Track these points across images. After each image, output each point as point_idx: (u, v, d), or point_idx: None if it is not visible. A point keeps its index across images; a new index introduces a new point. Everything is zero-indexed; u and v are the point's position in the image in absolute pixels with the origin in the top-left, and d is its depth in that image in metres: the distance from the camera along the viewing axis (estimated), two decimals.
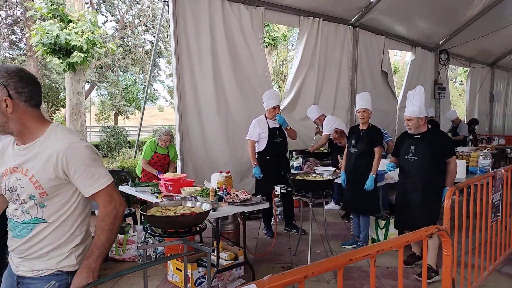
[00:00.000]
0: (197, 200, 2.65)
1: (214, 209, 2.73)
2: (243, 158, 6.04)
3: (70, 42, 6.28)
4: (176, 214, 2.09)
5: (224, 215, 2.82)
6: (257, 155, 4.69)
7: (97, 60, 11.25)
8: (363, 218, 3.92)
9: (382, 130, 5.65)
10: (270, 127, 4.62)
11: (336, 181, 4.04)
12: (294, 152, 5.96)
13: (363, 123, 3.99)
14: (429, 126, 3.81)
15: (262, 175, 4.53)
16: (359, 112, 3.95)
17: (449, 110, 9.43)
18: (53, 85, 15.33)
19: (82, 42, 6.25)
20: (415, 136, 3.43)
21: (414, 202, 3.37)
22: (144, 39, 13.76)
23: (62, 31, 6.19)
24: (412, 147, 3.41)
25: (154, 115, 38.63)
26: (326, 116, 5.89)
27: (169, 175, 3.65)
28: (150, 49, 13.09)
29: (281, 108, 6.68)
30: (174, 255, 2.73)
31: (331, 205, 5.84)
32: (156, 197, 3.16)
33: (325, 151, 5.99)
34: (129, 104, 15.30)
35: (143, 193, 3.41)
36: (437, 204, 3.32)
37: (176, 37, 5.16)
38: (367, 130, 3.94)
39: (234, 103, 5.93)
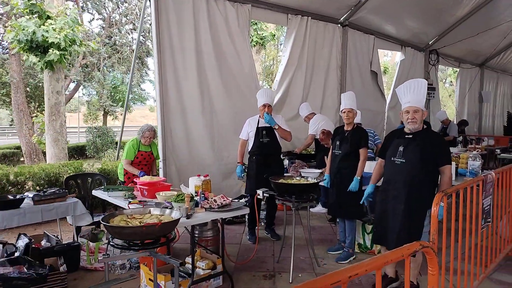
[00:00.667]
0: (168, 207, 2.47)
1: (188, 216, 2.55)
2: (229, 159, 5.88)
3: (47, 39, 6.00)
4: (141, 223, 1.91)
5: (199, 222, 2.64)
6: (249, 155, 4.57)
7: (83, 58, 11.00)
8: (348, 223, 3.76)
9: (372, 131, 5.55)
10: (259, 126, 4.45)
11: (320, 183, 3.88)
12: (281, 154, 5.80)
13: (348, 123, 3.83)
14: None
15: (244, 175, 4.39)
16: (344, 112, 3.80)
17: (439, 111, 9.37)
18: (40, 84, 14.97)
19: (59, 39, 5.99)
20: (406, 136, 2.95)
21: (395, 213, 2.90)
22: (132, 38, 13.51)
23: (39, 27, 5.93)
24: (401, 148, 2.92)
25: (145, 115, 38.25)
26: (315, 114, 5.75)
27: (145, 178, 3.46)
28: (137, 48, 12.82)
29: None
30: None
31: (318, 208, 5.69)
32: (129, 202, 2.97)
33: (313, 152, 5.85)
34: (115, 104, 15.02)
35: (116, 198, 3.21)
36: (421, 219, 2.83)
37: (158, 34, 4.98)
38: (352, 131, 3.79)
39: (220, 103, 5.76)
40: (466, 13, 8.89)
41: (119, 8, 12.76)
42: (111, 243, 1.95)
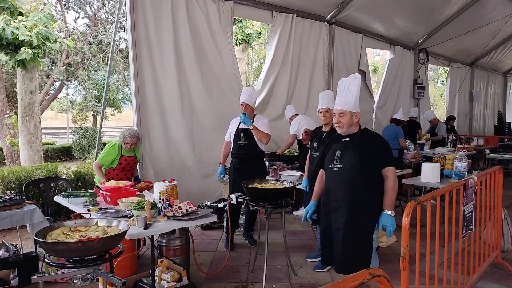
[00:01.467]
0: (128, 216, 2.27)
1: (147, 226, 2.35)
2: (210, 160, 5.70)
3: (17, 37, 5.74)
4: (82, 237, 1.72)
5: (160, 233, 2.44)
6: None
7: (66, 57, 10.72)
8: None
9: None
10: (239, 127, 4.25)
11: (298, 186, 3.70)
12: (263, 157, 5.61)
13: (326, 124, 3.64)
14: (363, 127, 3.45)
15: (223, 176, 4.21)
16: (321, 112, 3.61)
17: (430, 112, 9.23)
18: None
19: (31, 36, 5.73)
20: (343, 139, 2.69)
21: (337, 229, 2.57)
22: (120, 37, 13.25)
23: (9, 24, 5.66)
24: (338, 153, 2.65)
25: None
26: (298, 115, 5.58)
27: (111, 183, 3.25)
28: (125, 48, 12.59)
29: None
30: None
31: (302, 211, 5.51)
32: (89, 210, 2.76)
33: (296, 153, 5.66)
34: (99, 104, 14.71)
35: (76, 205, 2.99)
36: (367, 234, 2.53)
37: (133, 31, 4.77)
38: (330, 131, 3.59)
39: (200, 102, 5.56)
40: (455, 11, 8.78)
41: (105, 6, 12.50)
42: (46, 260, 1.75)
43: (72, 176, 5.25)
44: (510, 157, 6.83)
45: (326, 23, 7.34)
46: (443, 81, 25.46)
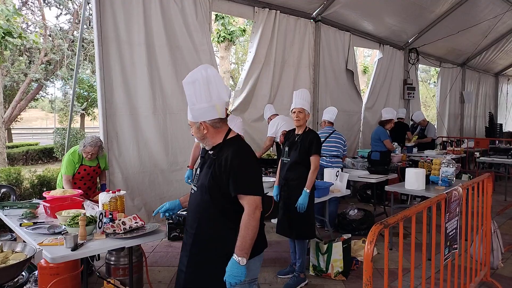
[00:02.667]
0: (62, 232, 1.93)
1: (76, 246, 2.00)
2: (185, 163, 5.36)
3: None
4: None
5: (92, 254, 2.11)
6: None
7: (45, 55, 10.30)
8: (298, 243, 3.25)
9: (342, 139, 5.05)
10: None
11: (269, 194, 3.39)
12: None
13: (299, 126, 3.33)
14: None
15: (190, 180, 3.89)
16: (294, 112, 3.30)
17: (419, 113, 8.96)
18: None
19: None
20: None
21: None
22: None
23: None
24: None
25: None
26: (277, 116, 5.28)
27: (56, 192, 2.91)
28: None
29: (232, 108, 6.08)
30: None
31: None
32: (20, 224, 2.42)
33: (275, 157, 5.36)
34: (80, 104, 14.33)
35: (11, 219, 2.61)
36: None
37: (99, 26, 4.43)
38: (303, 134, 3.29)
39: (175, 103, 5.24)
40: (446, 10, 8.55)
41: (89, 3, 12.07)
42: None
43: (36, 181, 4.89)
44: (501, 161, 6.58)
45: (311, 20, 7.05)
46: (435, 82, 25.37)
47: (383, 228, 1.55)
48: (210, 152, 2.04)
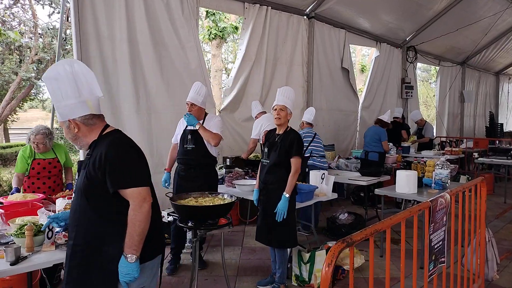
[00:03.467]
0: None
1: (17, 260, 1.79)
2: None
3: None
4: None
5: (35, 269, 1.89)
6: None
7: (35, 54, 10.11)
8: (278, 252, 3.04)
9: (320, 142, 4.82)
10: (186, 128, 3.72)
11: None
12: (228, 160, 5.10)
13: (279, 125, 3.12)
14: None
15: (167, 184, 3.67)
16: (275, 110, 3.08)
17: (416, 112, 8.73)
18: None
19: None
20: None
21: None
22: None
23: None
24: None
25: None
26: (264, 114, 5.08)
27: (16, 197, 2.71)
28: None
29: (222, 107, 5.88)
30: None
31: None
32: None
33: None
34: None
35: None
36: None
37: (77, 20, 4.24)
38: (283, 134, 3.08)
39: (160, 102, 5.05)
40: (444, 7, 8.34)
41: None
42: None
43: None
44: (501, 162, 6.35)
45: (305, 17, 6.85)
46: (435, 81, 25.12)
47: (346, 247, 1.35)
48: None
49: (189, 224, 2.51)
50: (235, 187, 3.71)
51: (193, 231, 2.51)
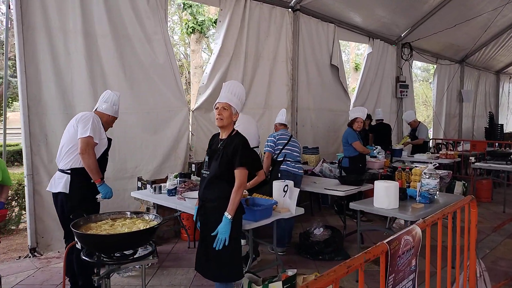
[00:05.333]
0: None
1: None
2: (136, 170, 4.75)
3: None
4: None
5: None
6: None
7: (10, 51, 9.64)
8: (219, 287, 2.47)
9: (297, 148, 4.26)
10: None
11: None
12: (193, 165, 4.61)
13: (222, 127, 2.51)
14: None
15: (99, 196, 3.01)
16: (217, 108, 2.51)
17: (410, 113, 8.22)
18: None
19: None
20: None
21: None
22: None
23: None
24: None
25: None
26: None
27: None
28: None
29: (195, 106, 5.41)
30: None
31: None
32: None
33: None
34: None
35: None
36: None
37: (19, 9, 3.76)
38: (227, 139, 2.51)
39: (122, 101, 4.54)
40: (440, 1, 7.84)
41: None
42: None
43: None
44: (499, 167, 5.85)
45: (289, 9, 6.36)
46: (432, 80, 24.62)
47: None
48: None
49: (95, 257, 1.93)
50: (185, 200, 3.21)
51: (97, 267, 1.95)
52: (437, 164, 3.33)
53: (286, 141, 4.15)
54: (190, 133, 5.34)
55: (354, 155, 4.87)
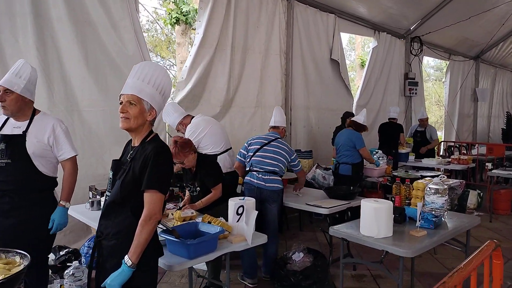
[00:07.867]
0: None
1: None
2: (105, 178, 4.16)
3: None
4: None
5: None
6: None
7: None
8: None
9: (288, 153, 3.56)
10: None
11: None
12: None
13: (128, 129, 1.76)
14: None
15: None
16: (121, 102, 1.73)
17: (423, 110, 7.51)
18: None
19: None
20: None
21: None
22: None
23: None
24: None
25: None
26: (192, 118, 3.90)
27: None
28: None
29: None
30: None
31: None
32: None
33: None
34: None
35: None
36: None
37: None
38: (138, 148, 1.76)
39: (86, 95, 4.04)
40: None
41: None
42: None
43: None
44: None
45: None
46: (445, 77, 23.69)
47: None
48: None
49: None
50: None
51: None
52: (445, 177, 2.67)
53: (259, 146, 3.41)
54: (167, 134, 4.76)
55: (358, 162, 4.22)
